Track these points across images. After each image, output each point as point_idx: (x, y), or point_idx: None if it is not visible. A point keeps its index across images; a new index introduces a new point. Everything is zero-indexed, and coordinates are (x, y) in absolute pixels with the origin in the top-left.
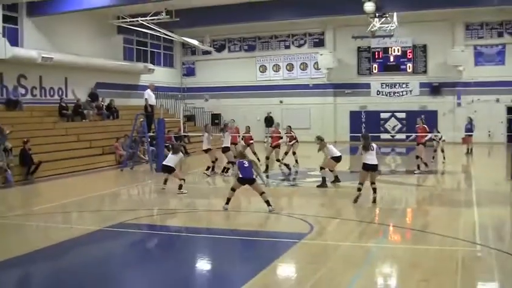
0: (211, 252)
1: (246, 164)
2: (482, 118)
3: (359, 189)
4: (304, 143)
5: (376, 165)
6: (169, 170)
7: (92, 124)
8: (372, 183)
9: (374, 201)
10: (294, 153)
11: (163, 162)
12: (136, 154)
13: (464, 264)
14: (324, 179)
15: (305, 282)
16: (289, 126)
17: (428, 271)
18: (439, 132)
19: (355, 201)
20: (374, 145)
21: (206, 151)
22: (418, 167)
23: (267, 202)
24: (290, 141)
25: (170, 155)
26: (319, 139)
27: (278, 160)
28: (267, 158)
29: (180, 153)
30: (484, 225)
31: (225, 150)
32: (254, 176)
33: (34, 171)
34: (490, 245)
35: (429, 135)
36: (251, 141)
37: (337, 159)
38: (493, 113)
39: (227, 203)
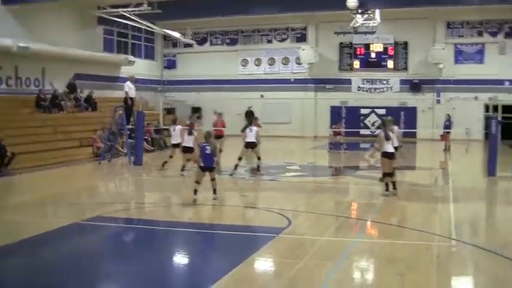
0: (189, 246)
1: (208, 151)
2: (461, 115)
3: (387, 186)
4: (284, 138)
5: (393, 152)
6: (189, 150)
7: (70, 116)
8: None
9: (394, 187)
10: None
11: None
12: (114, 147)
13: (439, 259)
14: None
15: (282, 277)
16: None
17: (404, 266)
18: None
19: (387, 190)
20: (393, 131)
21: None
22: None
23: (214, 190)
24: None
25: (187, 136)
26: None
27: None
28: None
29: (195, 133)
30: (460, 221)
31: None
32: (214, 165)
33: (8, 164)
34: (465, 240)
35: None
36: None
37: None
38: (471, 110)
39: (194, 193)
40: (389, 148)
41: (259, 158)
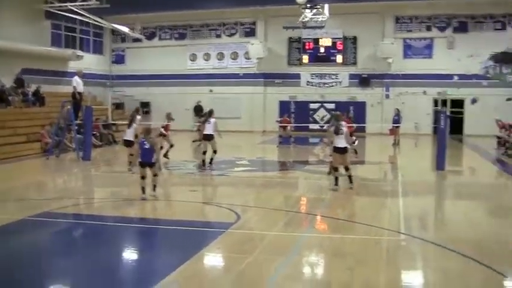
0: (138, 242)
1: (147, 146)
2: (410, 110)
3: (336, 180)
4: (233, 133)
5: (346, 147)
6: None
7: (17, 111)
8: (345, 168)
9: (350, 181)
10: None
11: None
12: (62, 142)
13: (388, 253)
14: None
15: (231, 272)
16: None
17: (353, 260)
18: None
19: (336, 184)
20: (344, 128)
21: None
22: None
23: (154, 187)
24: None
25: (127, 129)
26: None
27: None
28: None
29: (135, 125)
30: (409, 215)
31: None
32: (153, 160)
33: None
34: (414, 235)
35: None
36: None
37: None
38: (420, 105)
39: (143, 192)
40: (340, 143)
41: (215, 152)
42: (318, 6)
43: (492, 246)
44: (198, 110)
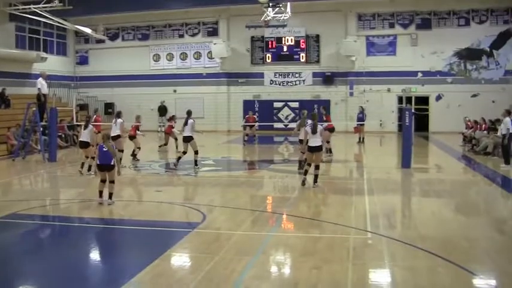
0: (104, 243)
1: (105, 148)
2: (374, 108)
3: (305, 172)
4: (198, 132)
5: (320, 146)
6: (85, 145)
7: None
8: (316, 166)
9: (316, 181)
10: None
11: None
12: (28, 144)
13: (355, 252)
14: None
15: (198, 271)
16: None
17: (320, 259)
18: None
19: (303, 184)
20: (320, 126)
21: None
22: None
23: (110, 195)
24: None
25: (83, 130)
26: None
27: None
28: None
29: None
30: (375, 213)
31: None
32: (112, 163)
33: None
34: (380, 233)
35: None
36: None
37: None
38: (384, 102)
39: (100, 196)
40: (316, 142)
41: (196, 152)
42: (280, 5)
43: (460, 244)
44: (162, 110)
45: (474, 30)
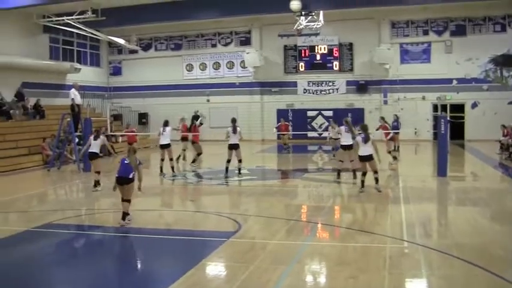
0: (140, 252)
1: (126, 161)
2: (409, 116)
3: (362, 183)
4: None
5: (371, 155)
6: (95, 156)
7: (18, 124)
8: (374, 171)
9: (377, 186)
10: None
11: (90, 150)
12: (63, 154)
13: (392, 261)
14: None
15: (233, 281)
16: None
17: (356, 268)
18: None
19: (361, 191)
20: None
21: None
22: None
23: (123, 215)
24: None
25: (93, 141)
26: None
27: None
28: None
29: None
30: (411, 222)
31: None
32: (130, 176)
33: None
34: (417, 242)
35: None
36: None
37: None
38: (419, 110)
39: (123, 217)
40: (366, 151)
41: (240, 161)
42: (313, 14)
43: (497, 252)
44: (196, 120)
45: (510, 36)
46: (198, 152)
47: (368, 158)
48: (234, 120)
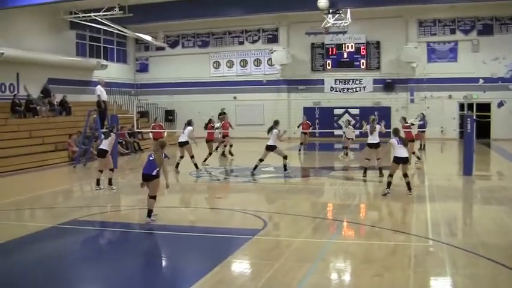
0: (165, 249)
1: (152, 157)
2: (435, 114)
3: (389, 184)
4: (257, 139)
5: (407, 157)
6: (103, 154)
7: (45, 120)
8: (405, 175)
9: (409, 189)
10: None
11: (100, 147)
12: (89, 150)
13: (417, 259)
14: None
15: (258, 279)
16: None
17: (381, 266)
18: None
19: (388, 188)
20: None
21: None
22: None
23: (148, 212)
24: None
25: (104, 140)
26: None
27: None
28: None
29: (113, 135)
30: (437, 221)
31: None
32: (154, 173)
33: None
34: (442, 240)
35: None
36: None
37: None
38: (445, 109)
39: (148, 215)
40: (403, 153)
41: (285, 158)
42: (340, 12)
43: None
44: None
45: None
46: (210, 152)
47: (404, 161)
48: (276, 123)
